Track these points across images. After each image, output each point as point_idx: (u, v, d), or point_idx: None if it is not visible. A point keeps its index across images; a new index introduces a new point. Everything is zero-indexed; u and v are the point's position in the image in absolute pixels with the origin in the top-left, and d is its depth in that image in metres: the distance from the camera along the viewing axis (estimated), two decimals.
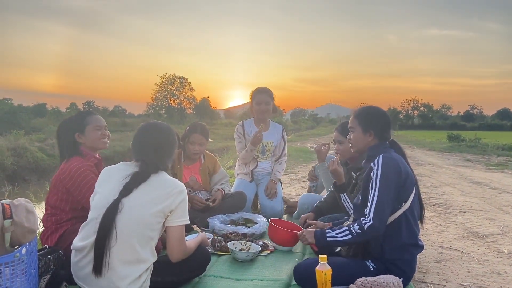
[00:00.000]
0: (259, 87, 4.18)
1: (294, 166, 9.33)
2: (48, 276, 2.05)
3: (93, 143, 2.64)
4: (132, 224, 1.90)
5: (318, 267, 2.02)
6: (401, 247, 2.24)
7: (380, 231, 2.16)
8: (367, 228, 2.15)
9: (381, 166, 2.19)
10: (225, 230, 3.18)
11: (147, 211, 1.93)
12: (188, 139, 3.71)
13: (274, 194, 4.05)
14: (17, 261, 1.77)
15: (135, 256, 1.91)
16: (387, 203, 2.16)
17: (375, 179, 2.19)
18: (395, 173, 2.19)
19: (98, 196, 2.00)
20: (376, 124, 2.39)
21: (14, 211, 1.82)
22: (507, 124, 66.65)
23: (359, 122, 2.42)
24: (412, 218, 2.26)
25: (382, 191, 2.16)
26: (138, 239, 1.91)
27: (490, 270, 2.90)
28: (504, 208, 5.16)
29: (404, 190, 2.22)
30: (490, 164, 11.21)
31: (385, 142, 2.38)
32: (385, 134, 2.39)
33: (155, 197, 1.96)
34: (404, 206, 2.22)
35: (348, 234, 2.22)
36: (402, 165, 2.24)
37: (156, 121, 2.24)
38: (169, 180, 2.05)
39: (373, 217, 2.14)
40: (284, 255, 2.89)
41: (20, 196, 2.13)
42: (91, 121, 2.65)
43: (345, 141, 3.06)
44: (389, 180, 2.17)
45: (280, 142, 4.28)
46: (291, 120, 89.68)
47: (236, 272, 2.55)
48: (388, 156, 2.24)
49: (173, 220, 2.00)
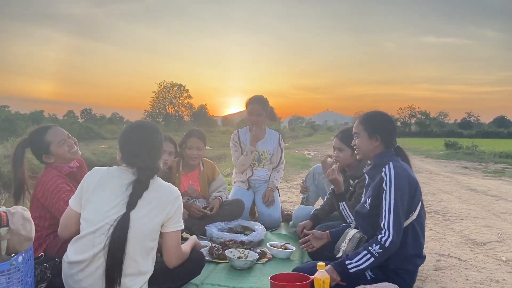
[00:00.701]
0: (253, 96, 4.13)
1: (292, 174, 9.32)
2: (44, 284, 2.04)
3: (63, 158, 2.51)
4: (134, 237, 1.85)
5: (316, 275, 2.00)
6: (406, 258, 2.22)
7: (399, 242, 2.11)
8: (389, 245, 2.09)
9: (394, 177, 2.15)
10: (223, 238, 3.17)
11: (149, 223, 1.89)
12: (185, 145, 3.70)
13: (272, 202, 4.03)
14: (13, 270, 1.76)
15: (137, 269, 1.88)
16: (402, 216, 2.13)
17: (389, 191, 2.14)
18: (408, 184, 2.16)
19: (93, 206, 1.90)
20: (382, 129, 2.34)
21: (11, 219, 1.80)
22: (504, 132, 66.86)
23: (365, 127, 2.37)
24: (419, 228, 2.24)
25: (397, 204, 2.11)
26: (140, 251, 1.88)
27: (489, 278, 2.89)
28: (502, 216, 5.16)
29: (413, 201, 2.19)
30: (488, 172, 11.23)
31: (390, 149, 2.35)
32: (391, 140, 2.36)
33: (154, 207, 1.91)
34: (412, 216, 2.20)
35: (370, 257, 2.12)
36: (412, 175, 2.21)
37: (141, 121, 2.15)
38: (164, 186, 2.00)
39: (393, 232, 2.09)
40: (282, 263, 2.87)
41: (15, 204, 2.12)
42: (52, 138, 2.48)
43: (345, 148, 3.06)
44: (404, 192, 2.14)
45: (277, 150, 4.26)
46: (288, 127, 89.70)
47: (234, 280, 2.54)
48: (399, 166, 2.20)
49: (169, 226, 1.97)
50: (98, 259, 1.85)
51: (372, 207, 2.26)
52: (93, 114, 79.99)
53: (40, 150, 2.49)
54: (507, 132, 66.33)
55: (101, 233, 1.85)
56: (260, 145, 4.14)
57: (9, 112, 42.42)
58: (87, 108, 78.01)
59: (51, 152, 2.48)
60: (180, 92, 64.98)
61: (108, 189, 1.92)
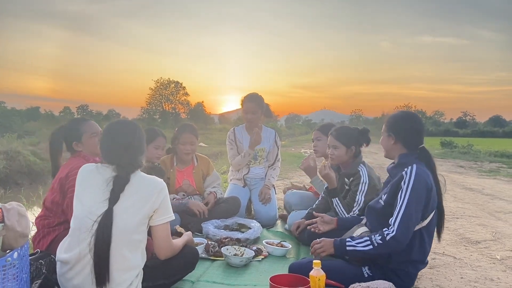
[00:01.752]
0: (248, 95, 4.14)
1: (288, 172, 9.34)
2: (39, 280, 2.02)
3: (92, 150, 2.63)
4: (120, 231, 1.86)
5: (312, 273, 2.00)
6: (409, 262, 2.22)
7: (403, 245, 2.11)
8: (390, 240, 2.09)
9: (414, 179, 2.13)
10: (219, 235, 3.17)
11: (132, 216, 1.89)
12: (178, 140, 3.70)
13: (268, 200, 4.04)
14: (9, 266, 1.75)
15: (126, 263, 1.88)
16: (414, 218, 2.11)
17: (406, 190, 2.13)
18: (426, 189, 2.14)
19: (79, 203, 1.92)
20: (399, 128, 2.32)
21: (6, 215, 1.80)
22: (499, 131, 67.20)
23: (386, 127, 2.38)
24: (427, 236, 2.23)
25: (410, 204, 2.10)
26: (128, 245, 1.88)
27: (483, 276, 2.91)
28: (497, 214, 5.20)
29: (427, 208, 2.18)
30: (483, 171, 11.30)
31: (415, 151, 2.30)
32: (412, 140, 2.31)
33: (137, 200, 1.91)
34: (422, 223, 2.19)
35: (369, 244, 2.15)
36: (431, 182, 2.19)
37: (119, 120, 2.17)
38: (147, 179, 2.00)
39: (397, 229, 2.08)
40: (278, 261, 2.88)
41: (12, 200, 2.11)
42: (87, 129, 2.64)
43: (340, 146, 3.07)
44: (420, 196, 2.12)
45: (273, 147, 4.27)
46: (285, 125, 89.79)
47: (230, 277, 2.54)
48: (421, 169, 2.18)
49: (157, 219, 1.97)
50: (84, 257, 1.85)
51: (386, 204, 2.24)
52: (89, 111, 79.66)
53: (73, 136, 2.63)
54: (502, 131, 66.68)
55: (85, 230, 1.85)
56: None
57: (5, 108, 42.16)
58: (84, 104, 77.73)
59: (82, 141, 2.62)
60: (177, 89, 64.78)
61: (91, 186, 1.94)
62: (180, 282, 2.34)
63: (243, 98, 4.13)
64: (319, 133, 3.58)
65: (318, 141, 3.57)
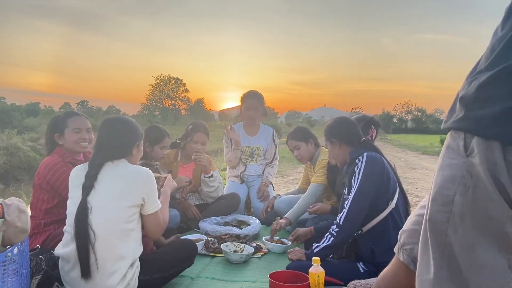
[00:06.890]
0: (249, 91, 4.17)
1: (288, 169, 9.35)
2: (39, 276, 2.03)
3: (70, 145, 2.56)
4: (107, 222, 1.90)
5: (311, 269, 2.01)
6: (391, 249, 2.24)
7: (355, 223, 2.19)
8: (343, 222, 2.18)
9: (365, 163, 2.25)
10: (219, 232, 3.18)
11: (118, 205, 1.91)
12: (191, 138, 3.69)
13: (266, 197, 4.04)
14: (9, 261, 1.76)
15: (116, 252, 1.90)
16: (365, 198, 2.20)
17: (358, 174, 2.25)
18: (379, 172, 2.25)
19: (70, 200, 2.00)
20: (336, 132, 2.49)
21: (6, 210, 1.80)
22: None
23: (325, 137, 2.57)
24: (398, 217, 2.27)
25: (362, 186, 2.20)
26: (118, 235, 1.91)
27: None
28: None
29: (387, 190, 2.25)
30: None
31: (359, 145, 2.45)
32: (353, 137, 2.48)
33: (122, 189, 1.93)
34: (390, 205, 2.25)
35: (330, 236, 2.24)
36: (384, 163, 2.31)
37: (107, 118, 2.17)
38: (131, 168, 2.02)
39: (348, 210, 2.19)
40: (277, 257, 2.89)
41: (12, 196, 2.12)
42: (71, 123, 2.57)
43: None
44: (372, 177, 2.22)
45: (270, 145, 4.26)
46: (285, 122, 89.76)
47: (230, 273, 2.55)
48: (372, 155, 2.31)
49: (148, 208, 2.00)
50: (73, 249, 1.90)
51: (348, 193, 2.33)
52: (89, 107, 79.63)
53: (56, 128, 2.58)
54: None
55: (70, 223, 1.93)
56: (253, 140, 4.17)
57: (5, 103, 42.08)
58: (84, 100, 77.61)
59: (64, 135, 2.56)
60: (177, 85, 64.83)
61: (78, 185, 1.97)
62: (179, 278, 2.35)
63: (244, 95, 4.16)
64: (293, 142, 3.48)
65: (297, 149, 3.48)
